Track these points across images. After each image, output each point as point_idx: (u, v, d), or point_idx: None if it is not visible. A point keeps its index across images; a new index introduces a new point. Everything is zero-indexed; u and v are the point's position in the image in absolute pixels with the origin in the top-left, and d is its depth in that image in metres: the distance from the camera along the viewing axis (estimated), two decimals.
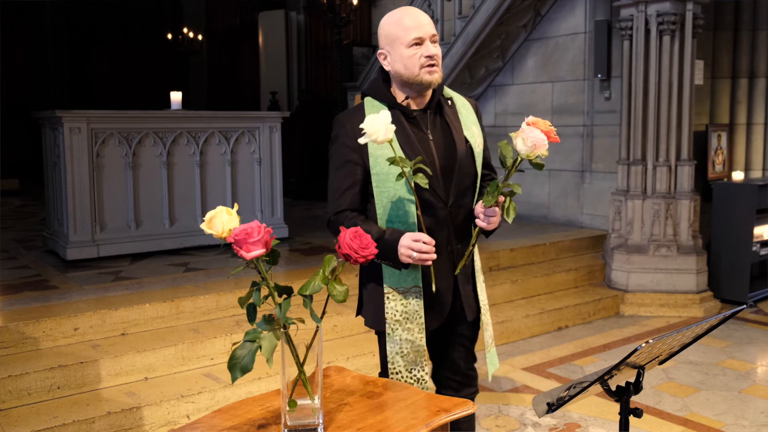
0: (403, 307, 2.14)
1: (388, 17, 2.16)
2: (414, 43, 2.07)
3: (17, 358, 3.47)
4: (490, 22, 6.59)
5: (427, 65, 2.07)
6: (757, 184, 5.76)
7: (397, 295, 2.14)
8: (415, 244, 1.98)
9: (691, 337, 1.84)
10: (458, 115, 2.22)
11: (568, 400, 1.80)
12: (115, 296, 4.11)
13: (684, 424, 3.51)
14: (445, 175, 2.12)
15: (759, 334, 5.03)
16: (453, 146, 2.15)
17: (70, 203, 4.94)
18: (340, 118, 2.19)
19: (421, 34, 2.07)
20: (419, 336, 2.15)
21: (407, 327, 2.15)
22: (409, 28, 2.07)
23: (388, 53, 2.13)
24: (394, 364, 2.17)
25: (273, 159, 5.81)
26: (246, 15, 12.40)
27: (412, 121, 2.15)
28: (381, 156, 2.08)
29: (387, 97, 2.16)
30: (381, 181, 2.10)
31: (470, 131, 2.20)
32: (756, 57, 6.30)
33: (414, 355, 2.16)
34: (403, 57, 2.08)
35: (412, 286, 2.13)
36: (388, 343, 2.17)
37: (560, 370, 4.32)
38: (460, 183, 2.16)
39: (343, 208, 2.15)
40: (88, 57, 14.10)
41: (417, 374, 2.17)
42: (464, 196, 2.18)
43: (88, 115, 5.01)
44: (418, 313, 2.14)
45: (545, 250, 5.87)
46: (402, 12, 2.13)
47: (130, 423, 3.23)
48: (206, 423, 1.70)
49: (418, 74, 2.08)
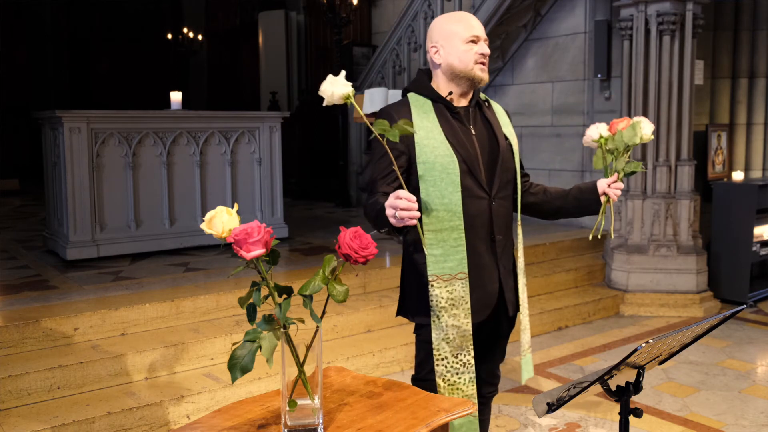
0: (449, 294, 2.16)
1: (444, 17, 2.30)
2: (471, 40, 2.19)
3: (17, 358, 3.47)
4: (490, 22, 6.59)
5: (480, 62, 2.20)
6: (757, 184, 5.76)
7: (442, 282, 2.16)
8: (394, 201, 1.87)
9: (691, 337, 1.84)
10: (496, 115, 2.33)
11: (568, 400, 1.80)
12: (115, 296, 4.11)
13: (684, 424, 3.51)
14: (488, 168, 2.21)
15: (759, 334, 5.03)
16: (495, 141, 2.25)
17: (70, 203, 4.94)
18: (387, 109, 2.27)
19: (479, 33, 2.22)
20: (465, 321, 2.17)
21: (453, 313, 2.17)
22: (467, 26, 2.21)
23: (442, 47, 2.22)
24: (440, 351, 2.18)
25: (273, 159, 5.81)
26: (246, 15, 12.41)
27: (456, 116, 2.22)
28: (427, 146, 2.14)
29: (430, 91, 2.25)
30: (427, 170, 2.14)
31: (508, 130, 2.32)
32: (756, 57, 6.30)
33: (460, 340, 2.18)
34: (459, 51, 2.19)
35: (458, 272, 2.16)
36: (434, 330, 2.18)
37: (560, 370, 4.32)
38: (503, 176, 2.24)
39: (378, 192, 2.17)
40: (88, 57, 14.10)
41: (463, 359, 2.19)
42: (505, 189, 2.27)
43: (88, 115, 5.01)
44: (464, 299, 2.17)
45: (545, 250, 5.87)
46: (458, 13, 2.30)
47: (130, 423, 3.23)
48: (206, 423, 1.70)
49: (472, 68, 2.20)
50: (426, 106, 2.22)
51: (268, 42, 11.14)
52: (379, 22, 9.76)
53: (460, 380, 2.18)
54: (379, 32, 9.60)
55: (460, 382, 2.18)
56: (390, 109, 2.25)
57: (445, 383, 2.18)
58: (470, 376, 2.19)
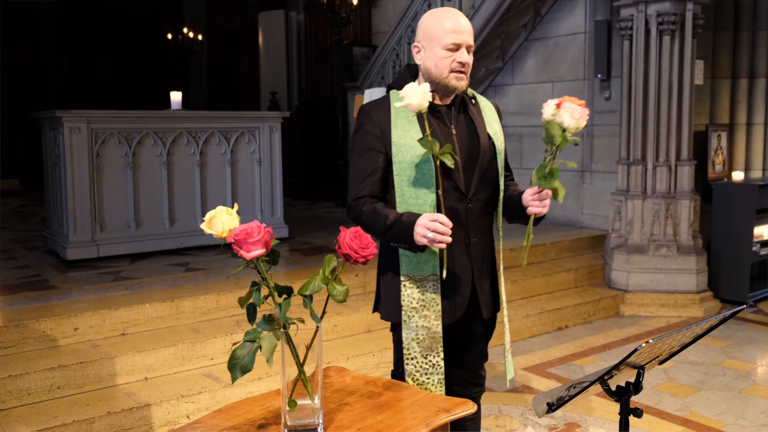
0: (420, 295, 2.15)
1: (432, 15, 2.20)
2: (450, 48, 2.11)
3: (17, 358, 3.47)
4: (490, 22, 6.59)
5: (456, 70, 2.12)
6: (757, 184, 5.76)
7: (414, 282, 2.15)
8: (431, 224, 1.95)
9: (691, 337, 1.84)
10: (482, 113, 2.26)
11: (568, 400, 1.80)
12: (115, 296, 4.10)
13: (684, 424, 3.51)
14: (467, 168, 2.16)
15: (759, 334, 5.03)
16: (476, 141, 2.19)
17: (70, 203, 4.94)
18: (366, 107, 2.23)
19: (460, 41, 2.11)
20: (436, 323, 2.16)
21: (424, 314, 2.16)
22: (449, 32, 2.11)
23: (423, 48, 2.17)
24: (410, 350, 2.17)
25: (273, 159, 5.81)
26: (246, 15, 12.40)
27: (437, 115, 2.18)
28: (404, 145, 2.11)
29: None
30: (402, 170, 2.12)
31: (493, 129, 2.24)
32: (756, 57, 6.30)
33: (430, 342, 2.17)
34: (436, 56, 2.13)
35: (430, 274, 2.14)
36: (404, 330, 2.17)
37: (560, 370, 4.32)
38: (482, 177, 2.19)
39: (363, 194, 2.16)
40: (88, 57, 14.10)
41: (432, 360, 2.18)
42: (484, 191, 2.21)
43: (88, 115, 5.01)
44: (435, 301, 2.16)
45: (545, 250, 5.87)
46: (447, 13, 2.17)
47: (130, 423, 3.23)
48: (206, 423, 1.70)
49: (446, 77, 2.13)
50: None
51: (268, 42, 11.14)
52: (379, 22, 9.77)
53: (428, 380, 2.18)
54: (379, 32, 9.60)
55: (429, 383, 2.18)
56: (370, 107, 2.21)
57: (414, 383, 2.17)
58: (439, 378, 2.18)
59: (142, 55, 14.19)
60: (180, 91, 5.88)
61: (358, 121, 2.23)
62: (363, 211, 2.12)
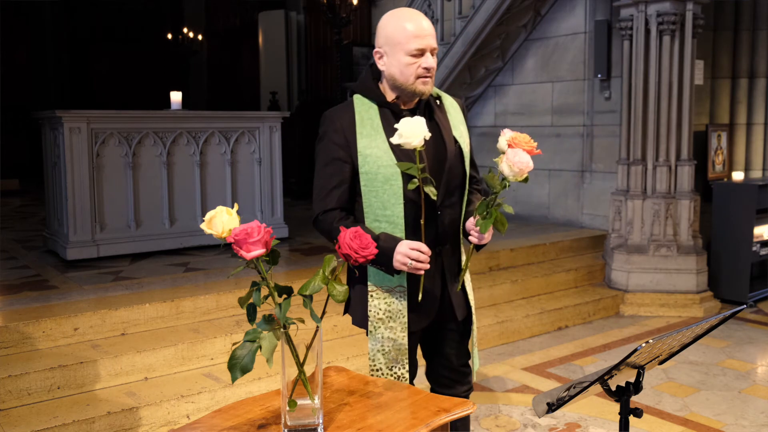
0: (387, 306, 2.14)
1: (392, 19, 2.11)
2: (414, 54, 2.05)
3: (17, 358, 3.47)
4: (490, 22, 6.59)
5: (422, 75, 2.07)
6: (757, 184, 5.76)
7: (381, 293, 2.14)
8: (412, 253, 1.99)
9: (691, 337, 1.84)
10: (447, 115, 2.21)
11: (568, 400, 1.80)
12: (115, 296, 4.10)
13: (684, 424, 3.51)
14: (434, 175, 2.08)
15: (759, 334, 5.03)
16: (443, 146, 2.14)
17: (70, 203, 4.94)
18: (329, 114, 2.17)
19: (424, 46, 2.05)
20: (401, 335, 2.15)
21: (390, 326, 2.14)
22: (412, 37, 2.04)
23: (386, 54, 2.10)
24: (375, 362, 2.16)
25: (273, 159, 5.81)
26: (246, 15, 12.41)
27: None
28: (370, 155, 2.07)
29: (377, 95, 2.15)
30: (369, 181, 2.09)
31: (458, 131, 2.20)
32: (756, 57, 6.30)
33: (395, 353, 2.15)
34: (400, 63, 2.06)
35: (397, 285, 2.13)
36: (370, 341, 2.16)
37: (560, 370, 4.32)
38: (449, 183, 2.14)
39: (331, 206, 2.14)
40: (88, 57, 14.11)
41: (397, 372, 2.16)
42: (452, 196, 2.16)
43: (88, 115, 5.01)
44: (401, 312, 2.14)
45: (545, 250, 5.87)
46: (407, 16, 2.09)
47: (130, 423, 3.23)
48: (206, 423, 1.70)
49: (413, 83, 2.07)
50: (371, 111, 2.12)
51: (268, 42, 11.14)
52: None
53: None
54: None
55: None
56: (332, 114, 2.15)
57: None
58: None
59: (142, 55, 14.20)
60: (180, 91, 5.88)
61: (321, 128, 2.18)
62: (335, 228, 2.06)
